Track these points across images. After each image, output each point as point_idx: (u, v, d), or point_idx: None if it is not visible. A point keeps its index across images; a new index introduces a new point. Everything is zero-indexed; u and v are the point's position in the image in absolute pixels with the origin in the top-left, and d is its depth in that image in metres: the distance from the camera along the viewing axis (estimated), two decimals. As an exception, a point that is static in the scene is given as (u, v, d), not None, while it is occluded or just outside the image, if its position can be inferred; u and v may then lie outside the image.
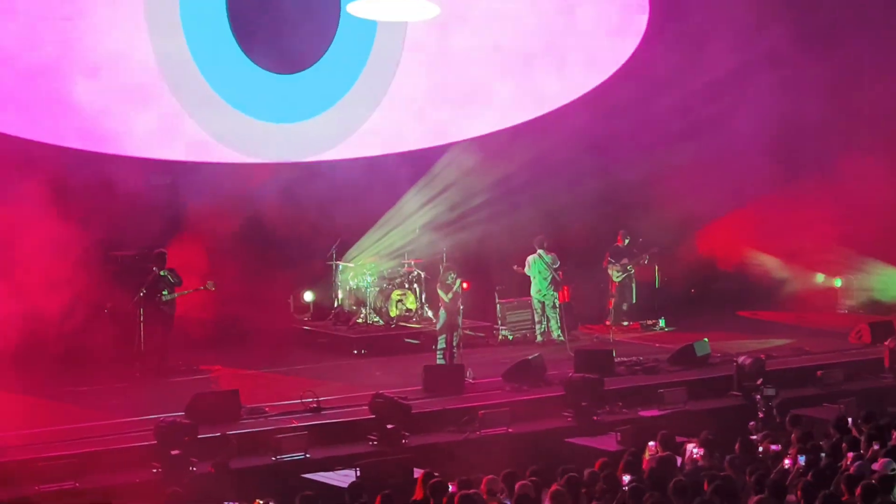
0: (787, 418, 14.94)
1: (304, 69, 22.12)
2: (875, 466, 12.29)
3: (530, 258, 21.68)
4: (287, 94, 22.02)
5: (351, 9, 21.67)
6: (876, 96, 24.25)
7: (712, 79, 23.62)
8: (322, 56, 22.19)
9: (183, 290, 19.79)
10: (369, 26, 22.40)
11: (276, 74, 21.84)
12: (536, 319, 21.93)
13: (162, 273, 19.57)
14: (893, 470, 12.07)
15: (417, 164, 22.92)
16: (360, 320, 22.05)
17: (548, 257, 21.55)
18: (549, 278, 21.52)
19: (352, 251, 22.65)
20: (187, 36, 20.93)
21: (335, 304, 22.51)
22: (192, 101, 21.12)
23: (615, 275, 22.93)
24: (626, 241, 23.08)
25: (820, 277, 24.71)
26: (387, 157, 22.53)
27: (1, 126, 19.38)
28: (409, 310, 22.12)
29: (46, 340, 18.22)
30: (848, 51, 23.39)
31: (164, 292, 19.54)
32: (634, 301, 23.17)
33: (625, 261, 22.93)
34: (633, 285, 23.12)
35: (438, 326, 20.05)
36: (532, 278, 21.73)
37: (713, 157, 23.17)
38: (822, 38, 23.31)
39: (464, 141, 23.03)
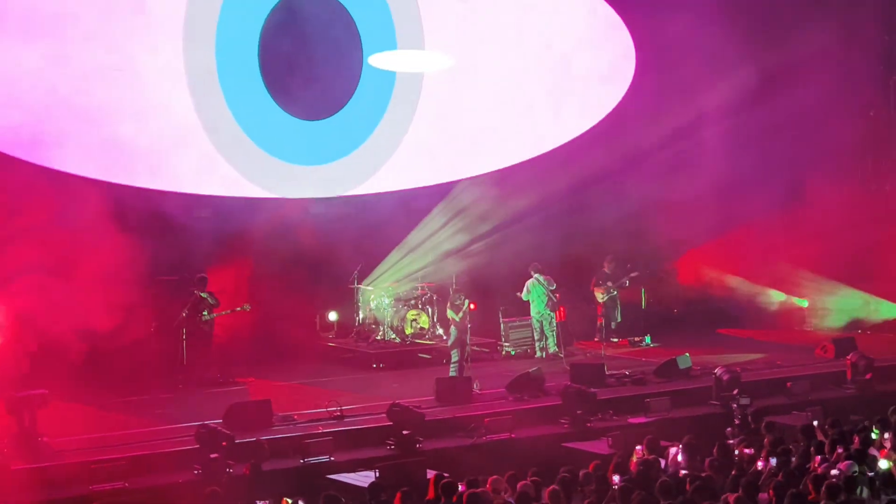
0: (763, 425, 14.93)
1: (329, 116, 22.05)
2: (841, 466, 12.32)
3: (529, 283, 21.66)
4: (313, 138, 21.88)
5: (373, 60, 21.73)
6: (838, 133, 24.30)
7: (692, 120, 23.72)
8: (346, 104, 22.10)
9: (221, 311, 19.86)
10: (389, 76, 22.43)
11: (303, 121, 21.77)
12: (536, 337, 21.90)
13: (202, 295, 19.65)
14: (855, 472, 12.09)
15: (431, 197, 22.96)
16: (378, 337, 22.06)
17: (544, 280, 21.58)
18: (547, 300, 21.56)
19: (371, 276, 22.68)
20: (223, 85, 20.90)
21: (356, 323, 22.50)
22: (226, 144, 21.06)
23: (599, 296, 22.90)
24: (612, 266, 23.03)
25: (801, 301, 24.63)
26: (404, 192, 22.58)
27: (60, 163, 19.41)
28: (422, 328, 22.14)
29: (101, 355, 18.26)
30: (814, 91, 23.44)
31: (204, 313, 19.63)
32: (619, 319, 23.08)
33: (609, 284, 22.92)
34: (618, 306, 23.06)
35: (450, 343, 20.04)
36: (531, 301, 21.75)
37: (694, 191, 23.18)
38: (790, 80, 23.31)
39: (470, 178, 23.06)
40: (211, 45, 20.76)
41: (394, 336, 21.99)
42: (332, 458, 15.56)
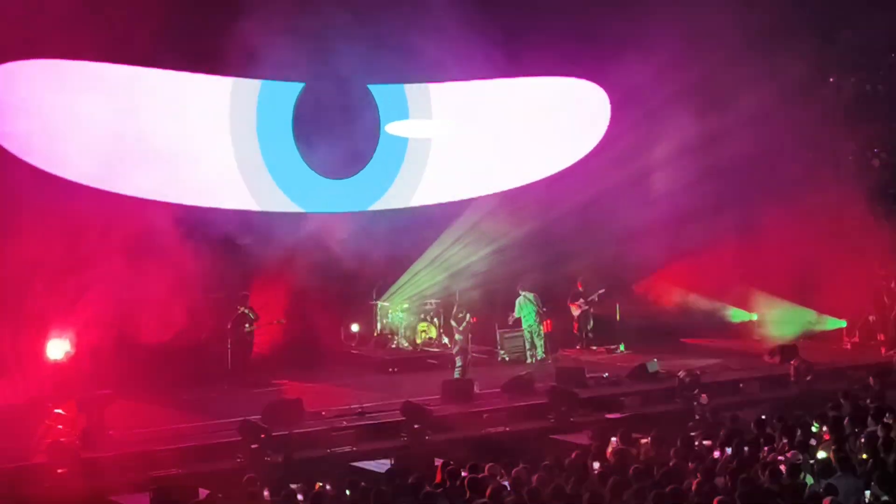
0: (730, 417, 14.88)
1: (351, 176, 21.94)
2: (788, 455, 12.29)
3: (518, 301, 21.65)
4: (337, 194, 21.80)
5: (389, 128, 21.79)
6: (785, 170, 24.27)
7: (659, 158, 23.71)
8: (367, 164, 22.07)
9: (260, 324, 19.88)
10: (402, 141, 22.46)
11: (328, 179, 21.66)
12: (527, 346, 21.88)
13: (244, 310, 19.66)
14: (799, 459, 12.06)
15: (437, 227, 22.97)
16: (393, 345, 22.08)
17: (531, 296, 21.56)
18: (536, 314, 21.52)
19: (388, 292, 22.68)
20: (261, 143, 20.97)
21: (375, 333, 22.51)
22: (261, 194, 21.11)
23: (574, 310, 22.90)
24: (584, 285, 22.98)
25: (752, 315, 24.54)
26: (417, 221, 22.60)
27: (131, 190, 19.42)
28: (430, 338, 22.16)
29: (159, 361, 18.24)
30: (765, 133, 23.46)
31: (246, 325, 19.63)
32: (591, 327, 23.02)
33: (581, 300, 22.89)
34: (590, 318, 23.00)
35: (455, 350, 20.02)
36: (522, 316, 21.70)
37: (659, 220, 23.14)
38: (744, 123, 23.27)
39: (471, 211, 23.07)
40: (253, 103, 20.84)
41: (406, 344, 22.00)
42: (355, 449, 15.58)
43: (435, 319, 22.30)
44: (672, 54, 22.03)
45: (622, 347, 22.99)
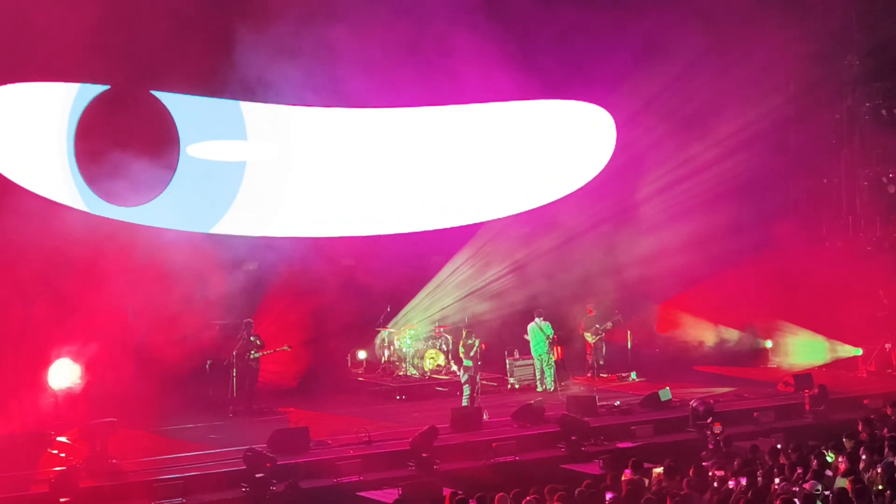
0: (749, 447, 14.84)
1: (144, 203, 19.64)
2: (806, 486, 12.23)
3: (531, 326, 21.62)
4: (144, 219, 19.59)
5: (190, 150, 20.09)
6: (798, 196, 24.30)
7: (669, 181, 23.75)
8: (162, 192, 19.74)
9: (266, 351, 19.86)
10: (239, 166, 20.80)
11: (119, 207, 19.43)
12: (538, 375, 21.82)
13: (251, 338, 19.65)
14: (818, 490, 12.00)
15: (443, 254, 22.98)
16: (401, 373, 22.03)
17: (543, 324, 21.53)
18: (545, 342, 21.47)
19: (396, 319, 22.68)
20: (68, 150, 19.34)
21: (382, 361, 22.49)
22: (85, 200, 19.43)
23: (588, 337, 22.85)
24: (596, 311, 22.96)
25: (767, 343, 24.48)
26: (421, 249, 22.59)
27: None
28: (439, 365, 22.12)
29: (164, 389, 18.24)
30: (778, 158, 23.51)
31: (251, 352, 19.61)
32: (604, 353, 22.97)
33: (595, 327, 22.84)
34: (604, 345, 22.96)
35: (463, 379, 19.97)
36: (532, 344, 21.64)
37: (669, 246, 23.16)
38: (757, 146, 23.32)
39: (479, 236, 23.07)
40: (69, 107, 19.35)
41: (414, 372, 21.96)
42: (361, 478, 15.48)
43: (443, 346, 22.27)
44: (678, 75, 22.14)
45: (634, 375, 22.90)
